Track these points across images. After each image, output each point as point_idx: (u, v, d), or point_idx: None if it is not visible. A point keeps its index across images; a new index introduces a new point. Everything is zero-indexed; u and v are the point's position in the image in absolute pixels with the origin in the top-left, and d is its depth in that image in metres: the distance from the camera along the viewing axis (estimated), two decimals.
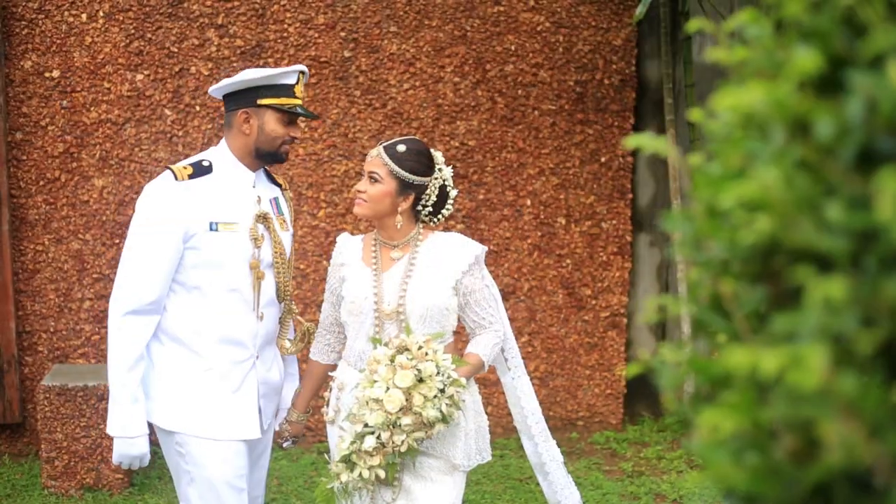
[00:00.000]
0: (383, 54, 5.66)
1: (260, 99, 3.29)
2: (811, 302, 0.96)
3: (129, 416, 3.21)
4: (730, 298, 1.27)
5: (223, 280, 3.29)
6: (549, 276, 5.90)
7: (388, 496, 3.27)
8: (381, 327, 3.29)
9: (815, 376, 0.96)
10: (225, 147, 3.38)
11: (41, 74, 5.45)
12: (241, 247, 3.32)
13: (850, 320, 0.97)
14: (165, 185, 3.27)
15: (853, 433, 0.90)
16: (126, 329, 3.21)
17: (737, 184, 1.13)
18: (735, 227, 1.14)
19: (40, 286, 5.56)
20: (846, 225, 0.99)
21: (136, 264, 3.23)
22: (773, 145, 1.13)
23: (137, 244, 3.24)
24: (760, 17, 1.37)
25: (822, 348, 0.97)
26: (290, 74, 3.32)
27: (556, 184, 5.85)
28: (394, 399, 3.05)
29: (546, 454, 3.60)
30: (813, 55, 1.00)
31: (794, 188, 1.05)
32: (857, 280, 0.97)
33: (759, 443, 1.12)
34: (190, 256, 3.26)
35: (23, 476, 5.39)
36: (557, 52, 5.78)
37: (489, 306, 3.37)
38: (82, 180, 5.53)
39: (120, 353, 3.21)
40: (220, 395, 3.32)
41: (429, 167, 3.33)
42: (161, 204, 3.25)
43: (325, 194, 5.69)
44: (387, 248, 3.37)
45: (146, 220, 3.24)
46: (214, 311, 3.30)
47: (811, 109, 1.02)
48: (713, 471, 1.18)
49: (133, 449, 3.23)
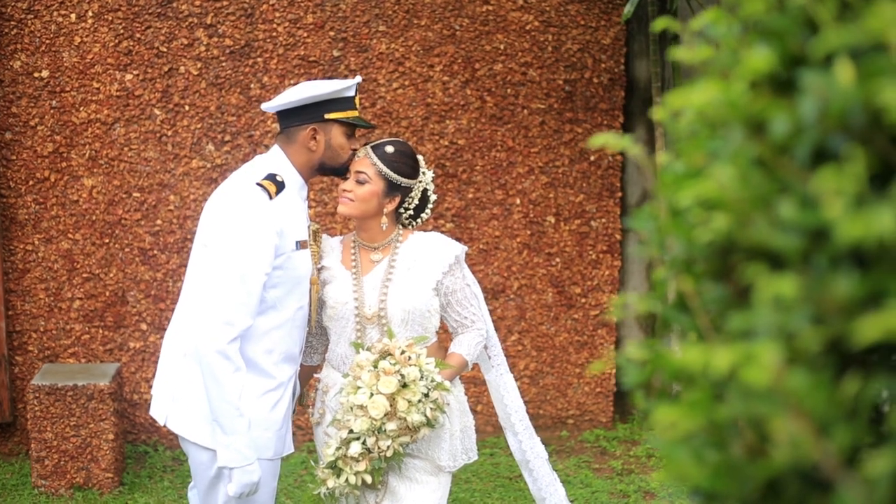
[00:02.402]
0: (372, 54, 5.67)
1: (327, 113, 3.23)
2: (761, 300, 0.97)
3: (247, 444, 3.14)
4: (692, 296, 1.28)
5: (297, 298, 3.26)
6: (539, 274, 5.90)
7: (373, 499, 3.28)
8: (362, 331, 3.29)
9: (766, 374, 0.97)
10: (286, 161, 3.28)
11: (30, 74, 5.45)
12: (309, 264, 3.29)
13: (802, 318, 0.97)
14: (261, 202, 3.16)
15: (801, 430, 0.91)
16: (233, 357, 3.09)
17: (695, 182, 1.14)
18: (693, 225, 1.14)
19: (30, 286, 5.56)
20: (798, 223, 1.00)
21: (236, 288, 3.09)
22: (731, 144, 1.14)
23: (235, 266, 3.11)
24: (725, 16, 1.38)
25: (774, 346, 0.98)
26: (352, 87, 3.27)
27: (545, 182, 5.86)
28: (378, 405, 3.05)
29: (530, 451, 3.61)
30: (764, 55, 1.01)
31: (749, 186, 1.06)
32: (808, 278, 0.98)
33: (718, 440, 1.13)
34: (275, 276, 3.17)
35: (13, 475, 5.39)
36: (546, 52, 5.79)
37: (471, 305, 3.38)
38: (72, 180, 5.53)
39: (231, 384, 3.09)
40: (278, 414, 3.28)
41: (415, 169, 3.33)
42: (258, 223, 3.13)
43: (315, 193, 5.69)
44: (366, 250, 3.37)
45: (243, 241, 3.12)
46: (285, 329, 3.25)
47: (764, 108, 1.03)
48: (673, 468, 1.19)
49: (254, 476, 3.17)
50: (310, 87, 3.25)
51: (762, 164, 1.10)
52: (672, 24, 1.47)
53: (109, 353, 5.61)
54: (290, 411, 3.37)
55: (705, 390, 1.09)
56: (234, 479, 3.15)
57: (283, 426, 3.32)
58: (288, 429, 3.37)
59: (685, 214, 1.18)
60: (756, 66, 1.02)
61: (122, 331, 5.60)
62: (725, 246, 1.14)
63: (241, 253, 3.10)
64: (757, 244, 1.05)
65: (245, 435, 3.13)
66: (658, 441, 1.23)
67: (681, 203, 1.16)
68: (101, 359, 5.60)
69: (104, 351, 5.60)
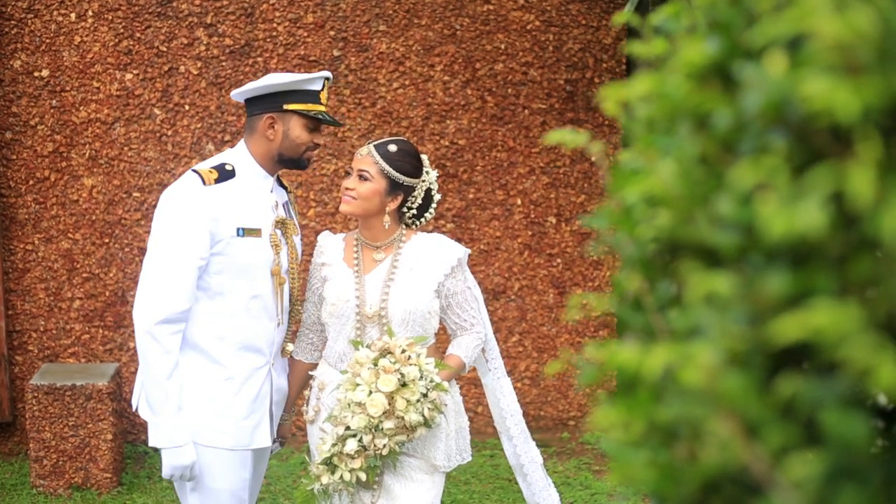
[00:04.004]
0: (373, 53, 5.65)
1: (286, 104, 3.23)
2: (693, 298, 0.94)
3: (175, 426, 3.14)
4: (644, 295, 1.25)
5: (247, 286, 3.24)
6: (540, 275, 5.88)
7: (368, 498, 3.26)
8: (362, 330, 3.28)
9: (700, 375, 0.94)
10: (246, 151, 3.30)
11: (30, 74, 5.45)
12: (264, 253, 3.26)
13: (737, 317, 0.95)
14: (193, 188, 3.18)
15: (730, 432, 0.88)
16: (161, 338, 3.11)
17: (640, 179, 1.12)
18: (637, 222, 1.12)
19: (30, 285, 5.56)
20: (736, 220, 0.97)
21: (166, 271, 3.13)
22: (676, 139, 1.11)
23: (166, 249, 3.15)
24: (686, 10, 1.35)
25: (710, 346, 0.95)
26: (317, 80, 3.26)
27: (546, 183, 5.83)
28: (376, 403, 3.03)
29: (525, 456, 3.58)
30: (699, 47, 0.98)
31: (690, 183, 1.03)
32: (743, 276, 0.95)
33: (661, 442, 1.10)
34: (216, 262, 3.18)
35: (12, 475, 5.40)
36: (547, 51, 5.76)
37: (471, 308, 3.36)
38: (72, 179, 5.53)
39: (158, 364, 3.12)
40: (238, 405, 3.26)
41: (418, 168, 3.31)
42: (189, 209, 3.15)
43: (315, 193, 5.68)
44: (369, 248, 3.35)
45: (174, 225, 3.16)
46: (237, 318, 3.24)
47: (702, 102, 1.01)
48: (621, 471, 1.16)
49: (184, 458, 3.16)
50: (272, 77, 3.26)
51: (706, 160, 1.08)
52: (632, 19, 1.44)
53: (109, 353, 5.61)
54: (261, 404, 3.32)
55: (646, 392, 1.06)
56: (162, 460, 3.18)
57: (248, 417, 3.29)
58: (261, 422, 3.33)
59: (631, 211, 1.15)
60: (691, 59, 0.99)
61: (122, 331, 5.59)
62: (671, 244, 1.11)
63: (169, 237, 3.15)
64: (697, 241, 1.03)
65: (173, 416, 3.13)
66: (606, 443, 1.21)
67: (627, 200, 1.13)
68: (101, 358, 5.60)
69: (104, 351, 5.60)
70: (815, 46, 0.78)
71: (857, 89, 0.75)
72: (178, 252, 3.13)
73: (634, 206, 1.12)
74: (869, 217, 0.74)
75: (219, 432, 3.24)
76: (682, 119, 1.12)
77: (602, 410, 1.05)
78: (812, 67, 0.78)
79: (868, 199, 0.72)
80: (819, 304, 0.79)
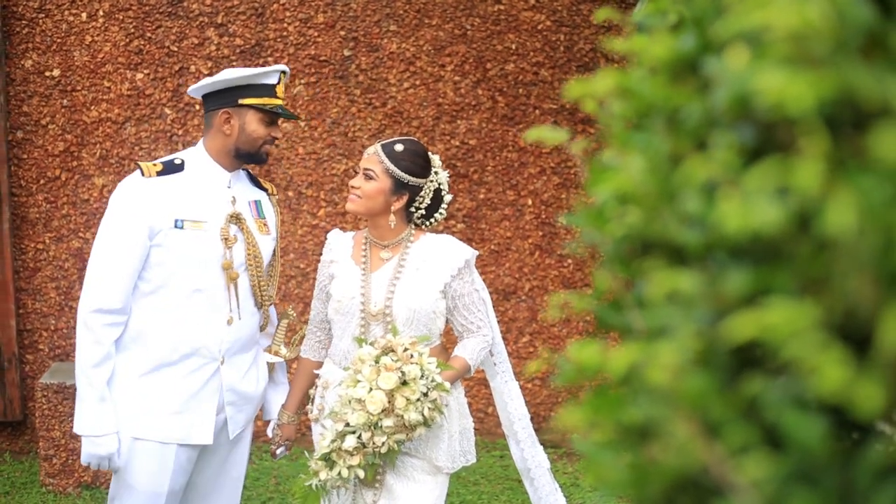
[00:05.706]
0: (383, 53, 5.64)
1: (241, 99, 3.25)
2: (655, 296, 0.92)
3: (97, 415, 3.16)
4: (621, 293, 1.24)
5: (187, 280, 3.22)
6: (551, 275, 5.85)
7: (370, 497, 3.25)
8: (366, 328, 3.27)
9: (664, 374, 0.93)
10: (201, 147, 3.33)
11: (42, 73, 5.47)
12: (210, 246, 3.25)
13: (701, 316, 0.93)
14: (132, 181, 3.23)
15: (689, 432, 0.86)
16: (92, 327, 3.16)
17: (611, 175, 1.10)
18: (608, 220, 1.10)
19: (41, 284, 5.58)
20: (701, 217, 0.95)
21: (104, 262, 3.18)
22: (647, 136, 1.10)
23: (105, 242, 3.19)
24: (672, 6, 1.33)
25: (674, 345, 0.94)
26: (272, 74, 3.27)
27: (557, 183, 5.81)
28: (376, 400, 3.03)
29: (532, 460, 3.56)
30: (665, 42, 0.97)
31: (658, 180, 1.02)
32: (707, 274, 0.94)
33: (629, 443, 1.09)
34: (155, 254, 3.20)
35: (22, 474, 5.41)
36: (558, 51, 5.74)
37: (478, 310, 3.34)
38: (83, 179, 5.54)
39: (86, 351, 3.17)
40: (172, 400, 3.25)
41: (424, 168, 3.29)
42: (127, 201, 3.20)
43: (325, 193, 5.68)
44: (377, 247, 3.34)
45: (113, 218, 3.20)
46: (178, 311, 3.23)
47: (670, 98, 0.99)
48: (594, 471, 1.15)
49: (101, 448, 3.17)
50: (227, 72, 3.27)
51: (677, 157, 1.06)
52: (613, 15, 1.43)
53: None
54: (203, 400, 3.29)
55: (614, 392, 1.05)
56: (82, 447, 3.21)
57: (183, 412, 3.26)
58: (203, 419, 3.29)
59: (603, 209, 1.14)
60: (658, 54, 0.98)
61: None
62: (641, 241, 1.10)
63: (107, 230, 3.20)
64: (665, 239, 1.01)
65: (96, 404, 3.15)
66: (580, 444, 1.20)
67: (598, 197, 1.12)
68: None
69: None
70: (770, 39, 0.77)
71: (811, 82, 0.74)
72: (114, 244, 3.17)
73: (606, 204, 1.10)
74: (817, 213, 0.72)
75: (147, 427, 3.23)
76: (654, 115, 1.10)
77: (567, 410, 1.03)
78: (768, 60, 0.76)
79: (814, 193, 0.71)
80: (774, 302, 0.78)
